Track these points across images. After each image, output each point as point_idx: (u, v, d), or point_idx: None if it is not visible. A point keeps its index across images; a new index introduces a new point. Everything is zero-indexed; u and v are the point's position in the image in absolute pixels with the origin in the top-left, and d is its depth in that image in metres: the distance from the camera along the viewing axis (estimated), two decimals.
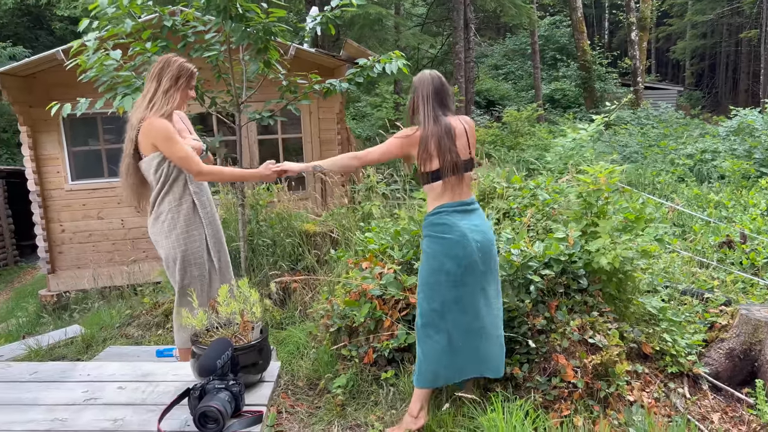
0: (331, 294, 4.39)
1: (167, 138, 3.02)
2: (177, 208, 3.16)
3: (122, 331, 4.98)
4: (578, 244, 3.65)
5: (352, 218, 5.37)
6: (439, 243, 2.95)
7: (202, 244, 3.22)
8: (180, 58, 3.17)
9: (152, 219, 3.23)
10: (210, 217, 3.27)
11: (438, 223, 2.96)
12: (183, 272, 3.20)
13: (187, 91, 3.18)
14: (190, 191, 3.18)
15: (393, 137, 2.99)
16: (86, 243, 8.01)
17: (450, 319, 2.98)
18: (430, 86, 2.91)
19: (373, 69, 5.33)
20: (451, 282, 2.95)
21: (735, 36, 35.51)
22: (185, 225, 3.16)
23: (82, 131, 7.93)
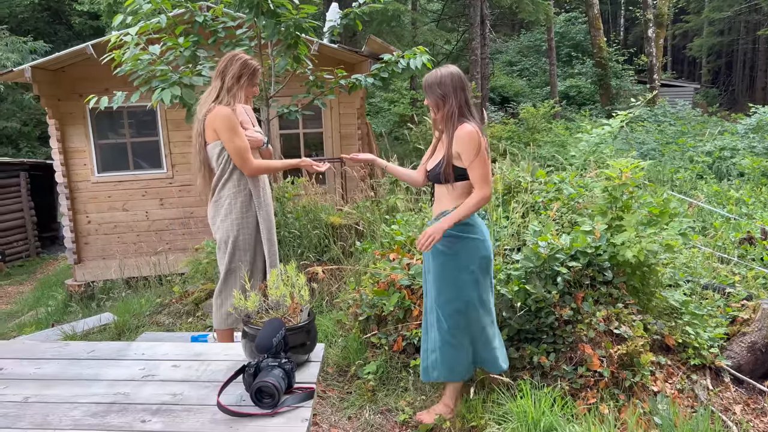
0: (359, 284, 4.50)
1: (229, 128, 3.16)
2: (236, 195, 3.30)
3: (153, 319, 5.12)
4: (604, 237, 3.73)
5: (377, 211, 5.47)
6: (464, 243, 2.93)
7: (253, 231, 3.35)
8: (243, 55, 3.30)
9: (212, 202, 3.37)
10: (265, 207, 3.39)
11: (465, 222, 2.90)
12: (232, 255, 3.34)
13: (250, 89, 3.31)
14: (248, 180, 3.32)
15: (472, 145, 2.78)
16: (111, 234, 8.18)
17: (474, 318, 3.03)
18: (462, 81, 2.91)
19: (398, 64, 5.42)
20: (474, 281, 2.98)
21: (752, 33, 35.18)
22: (241, 211, 3.30)
23: (107, 125, 8.09)
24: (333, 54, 7.52)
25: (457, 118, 2.85)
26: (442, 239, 2.90)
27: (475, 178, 2.83)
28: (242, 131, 3.24)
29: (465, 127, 2.82)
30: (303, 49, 4.98)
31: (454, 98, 2.85)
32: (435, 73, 2.90)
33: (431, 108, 2.96)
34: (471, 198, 2.84)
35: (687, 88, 26.65)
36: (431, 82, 2.89)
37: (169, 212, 8.26)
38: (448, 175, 2.87)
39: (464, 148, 2.81)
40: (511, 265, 3.82)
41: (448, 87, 2.85)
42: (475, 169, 2.81)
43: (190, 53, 4.80)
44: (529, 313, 3.55)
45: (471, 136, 2.79)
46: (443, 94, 2.86)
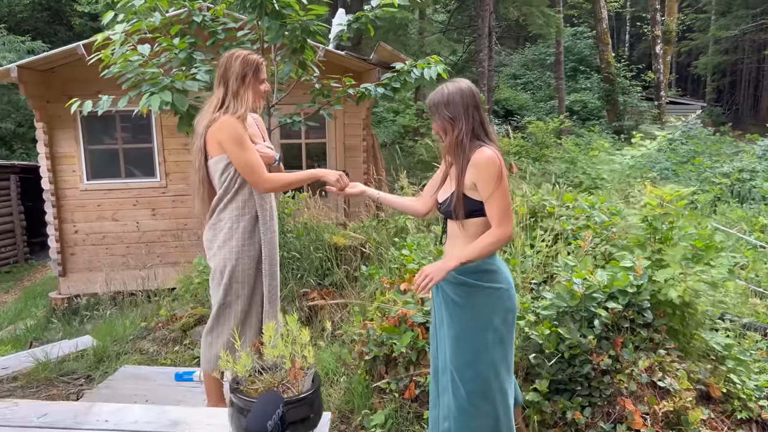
0: (365, 316, 4.05)
1: (236, 140, 2.73)
2: (238, 218, 2.86)
3: (136, 345, 4.66)
4: (646, 275, 3.29)
5: (385, 232, 5.03)
6: (486, 294, 2.43)
7: (254, 261, 2.92)
8: (242, 52, 2.87)
9: (210, 225, 2.93)
10: (270, 234, 2.95)
11: (487, 269, 2.42)
12: (228, 288, 2.89)
13: (258, 87, 2.87)
14: (254, 202, 2.89)
15: (492, 173, 2.30)
16: (99, 245, 7.72)
17: (497, 384, 2.49)
18: (475, 99, 2.41)
19: (410, 74, 5.02)
20: (498, 341, 2.46)
21: (758, 53, 34.98)
22: (242, 237, 2.87)
23: (99, 129, 7.65)
24: (339, 61, 7.10)
25: (471, 141, 2.36)
26: (458, 289, 2.44)
27: (493, 213, 2.33)
28: (251, 144, 2.81)
29: (483, 151, 2.32)
30: (309, 55, 4.56)
31: (465, 120, 2.36)
32: (441, 91, 2.40)
33: (438, 133, 2.46)
34: (486, 237, 2.34)
35: (693, 106, 26.31)
36: (437, 102, 2.39)
37: (162, 223, 7.81)
38: (458, 210, 2.38)
39: (482, 177, 2.31)
40: (539, 302, 3.38)
41: (458, 107, 2.36)
42: (494, 202, 2.31)
43: (186, 55, 4.38)
44: (562, 360, 3.11)
45: (490, 161, 2.30)
46: (452, 116, 2.36)
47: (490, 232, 2.35)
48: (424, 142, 11.99)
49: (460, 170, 2.37)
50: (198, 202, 2.92)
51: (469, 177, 2.35)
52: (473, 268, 2.43)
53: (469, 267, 2.42)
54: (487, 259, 2.45)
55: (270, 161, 2.95)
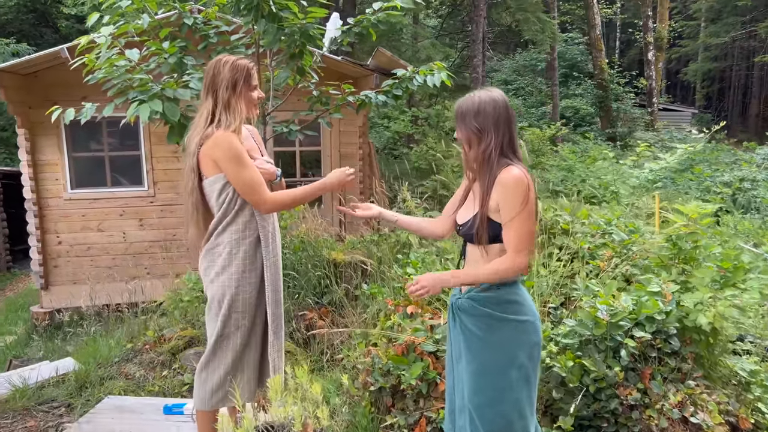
0: (367, 341, 3.79)
1: (233, 157, 2.47)
2: (238, 242, 2.59)
3: (122, 369, 4.36)
4: (674, 300, 3.06)
5: (386, 246, 4.78)
6: (510, 327, 2.18)
7: (256, 289, 2.64)
8: (230, 57, 2.59)
9: (206, 250, 2.65)
10: (273, 258, 2.68)
11: (511, 300, 2.19)
12: (226, 319, 2.62)
13: (250, 95, 2.59)
14: (256, 223, 2.62)
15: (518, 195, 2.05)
16: (84, 257, 7.40)
17: (521, 425, 2.23)
18: (507, 112, 2.15)
19: (413, 81, 4.78)
20: (524, 379, 2.20)
21: (747, 60, 35.16)
22: (243, 263, 2.59)
23: (84, 136, 7.34)
24: (336, 67, 6.85)
25: (498, 158, 2.12)
26: (479, 321, 2.19)
27: (511, 239, 2.08)
28: (250, 160, 2.55)
29: (511, 170, 2.08)
30: (308, 60, 4.30)
31: (494, 134, 2.11)
32: (471, 99, 2.16)
33: (462, 143, 2.21)
34: (500, 262, 2.11)
35: (685, 113, 26.36)
36: (466, 110, 2.15)
37: (149, 234, 7.51)
38: (481, 234, 2.14)
39: (507, 198, 2.07)
40: (559, 329, 3.14)
41: (488, 119, 2.11)
42: (513, 226, 2.07)
43: (176, 60, 4.10)
44: (587, 394, 2.86)
45: (518, 182, 2.05)
46: (481, 128, 2.12)
47: (505, 259, 2.11)
48: (420, 149, 11.73)
49: (485, 190, 2.12)
50: (193, 229, 2.65)
51: (494, 197, 2.11)
52: (496, 298, 2.19)
53: (492, 297, 2.18)
54: (511, 288, 2.21)
55: (271, 177, 2.68)
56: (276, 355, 2.71)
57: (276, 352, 2.71)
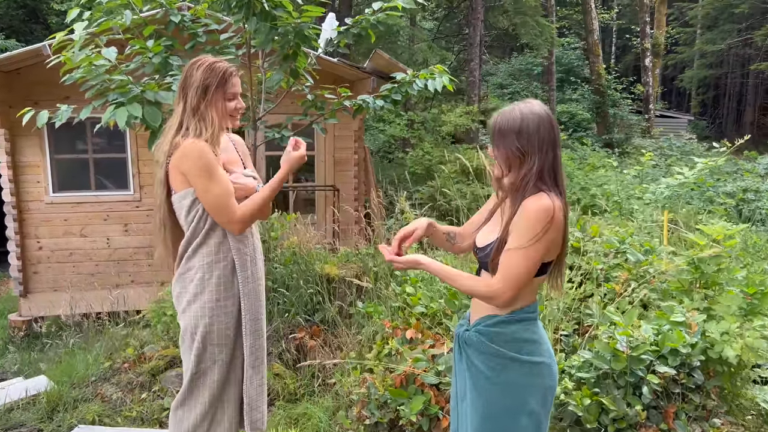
0: (362, 365, 3.52)
1: (203, 170, 2.19)
2: (210, 267, 2.30)
3: (98, 390, 4.07)
4: (700, 330, 2.81)
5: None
6: (525, 370, 1.91)
7: (234, 319, 2.36)
8: (209, 59, 2.31)
9: (177, 275, 2.37)
10: (252, 284, 2.40)
11: (526, 338, 1.92)
12: (201, 353, 2.33)
13: (224, 104, 2.29)
14: (230, 245, 2.33)
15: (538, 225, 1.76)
16: (66, 263, 7.08)
17: None
18: (554, 132, 1.86)
19: (413, 85, 4.51)
20: (534, 425, 1.95)
21: (742, 68, 35.15)
22: (217, 291, 2.31)
23: (67, 137, 7.02)
24: (332, 69, 6.57)
25: (534, 183, 1.82)
26: (490, 360, 1.92)
27: (505, 269, 1.80)
28: (224, 174, 2.26)
29: (540, 198, 1.78)
30: (302, 62, 4.03)
31: (538, 158, 1.82)
32: (512, 115, 1.84)
33: (498, 162, 1.91)
34: (483, 285, 1.85)
35: (681, 120, 26.21)
36: (507, 129, 1.84)
37: (135, 240, 7.20)
38: (497, 263, 1.86)
39: (520, 225, 1.79)
40: (573, 359, 2.87)
41: (532, 140, 1.81)
42: (513, 257, 1.79)
43: (161, 60, 3.82)
44: None
45: (541, 213, 1.76)
46: (523, 150, 1.82)
47: (489, 282, 1.84)
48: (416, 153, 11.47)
49: (510, 216, 1.85)
50: (160, 247, 2.37)
51: (514, 221, 1.84)
52: (509, 335, 1.91)
53: (504, 333, 1.91)
54: (527, 325, 1.94)
55: (250, 192, 2.37)
56: (254, 392, 2.42)
57: (255, 389, 2.42)
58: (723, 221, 7.82)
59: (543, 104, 1.92)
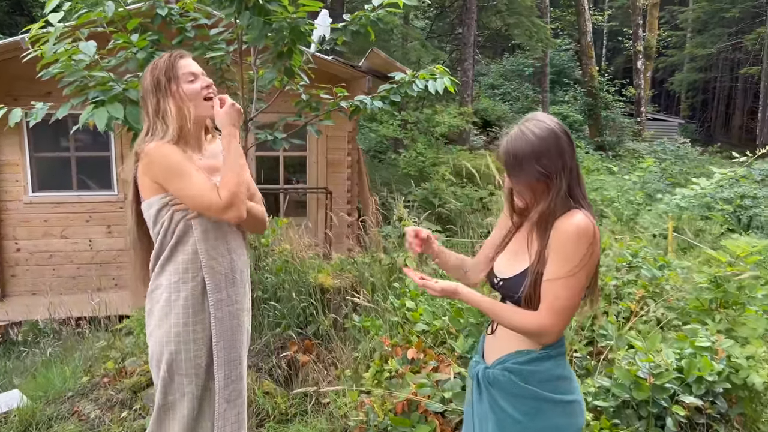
0: (359, 384, 3.29)
1: (170, 168, 1.96)
2: (178, 286, 2.05)
3: (75, 407, 3.81)
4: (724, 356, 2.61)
5: (378, 268, 4.28)
6: (561, 410, 1.71)
7: (205, 347, 2.10)
8: (156, 60, 2.10)
9: (148, 291, 2.13)
10: (228, 308, 2.14)
11: (560, 375, 1.72)
12: (167, 383, 2.09)
13: (187, 87, 2.03)
14: (201, 262, 2.06)
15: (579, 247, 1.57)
16: (45, 266, 6.80)
17: None
18: (570, 143, 1.65)
19: (412, 86, 4.29)
20: None
21: (732, 72, 35.31)
22: (184, 314, 2.05)
23: (48, 134, 6.74)
24: (326, 67, 6.33)
25: (563, 202, 1.62)
26: (523, 403, 1.70)
27: (551, 300, 1.58)
28: (195, 169, 1.99)
29: (574, 215, 1.59)
30: (297, 60, 3.79)
31: (563, 176, 1.61)
32: (525, 137, 1.61)
33: (519, 191, 1.69)
34: (528, 320, 1.62)
35: (672, 123, 26.23)
36: (525, 155, 1.59)
37: (118, 242, 6.93)
38: (531, 297, 1.63)
39: (561, 249, 1.58)
40: (587, 383, 2.67)
41: (553, 159, 1.60)
42: (559, 286, 1.57)
43: (146, 56, 3.56)
44: None
45: (582, 232, 1.57)
46: (548, 172, 1.60)
47: (535, 317, 1.61)
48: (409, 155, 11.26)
49: (544, 241, 1.63)
50: (137, 265, 2.14)
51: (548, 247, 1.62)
52: (544, 373, 1.70)
53: (539, 372, 1.69)
54: (560, 361, 1.74)
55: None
56: (230, 430, 2.15)
57: (231, 426, 2.15)
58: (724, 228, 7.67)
59: (547, 114, 1.71)
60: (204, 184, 1.97)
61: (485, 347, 1.88)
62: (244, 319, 2.23)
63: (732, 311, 2.98)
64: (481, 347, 1.92)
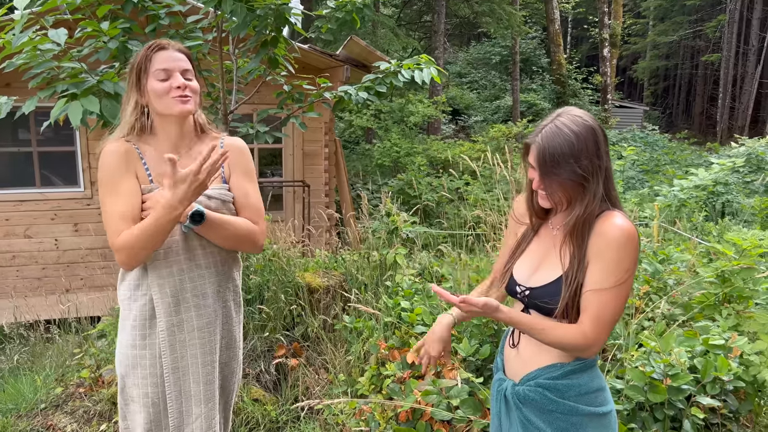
0: (354, 389, 3.15)
1: (101, 177, 1.79)
2: (129, 303, 1.87)
3: (48, 421, 3.58)
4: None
5: (368, 269, 4.13)
6: (596, 424, 1.59)
7: (151, 378, 1.86)
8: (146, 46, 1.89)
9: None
10: (181, 335, 1.87)
11: (597, 388, 1.61)
12: (124, 406, 1.93)
13: (146, 88, 1.82)
14: (148, 280, 1.83)
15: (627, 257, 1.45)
16: (9, 267, 6.45)
17: None
18: (605, 139, 1.53)
19: (398, 76, 4.15)
20: None
21: (694, 59, 35.98)
22: (131, 335, 1.85)
23: (7, 128, 6.38)
24: (303, 57, 6.11)
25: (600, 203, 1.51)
26: (558, 419, 1.58)
27: (598, 310, 1.45)
28: (127, 188, 1.77)
29: (614, 218, 1.48)
30: (281, 49, 3.60)
31: (599, 177, 1.49)
32: (562, 134, 1.47)
33: (550, 192, 1.53)
34: (572, 334, 1.48)
35: (637, 110, 26.56)
36: (563, 155, 1.46)
37: (86, 240, 6.62)
38: (570, 308, 1.50)
39: (607, 257, 1.45)
40: None
41: (591, 157, 1.48)
42: (607, 297, 1.45)
43: (119, 45, 3.33)
44: None
45: (628, 238, 1.45)
46: (585, 172, 1.47)
47: (579, 331, 1.48)
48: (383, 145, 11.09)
49: (582, 253, 1.50)
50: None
51: (591, 253, 1.49)
52: (583, 387, 1.58)
53: (576, 386, 1.58)
54: (595, 371, 1.64)
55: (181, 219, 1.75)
56: None
57: None
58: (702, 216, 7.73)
59: (579, 108, 1.57)
60: (117, 212, 1.73)
61: (506, 363, 1.76)
62: (212, 350, 1.94)
63: (737, 305, 2.92)
64: (500, 363, 1.79)
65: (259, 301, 3.94)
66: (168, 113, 1.83)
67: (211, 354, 1.93)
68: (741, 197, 9.25)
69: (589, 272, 1.48)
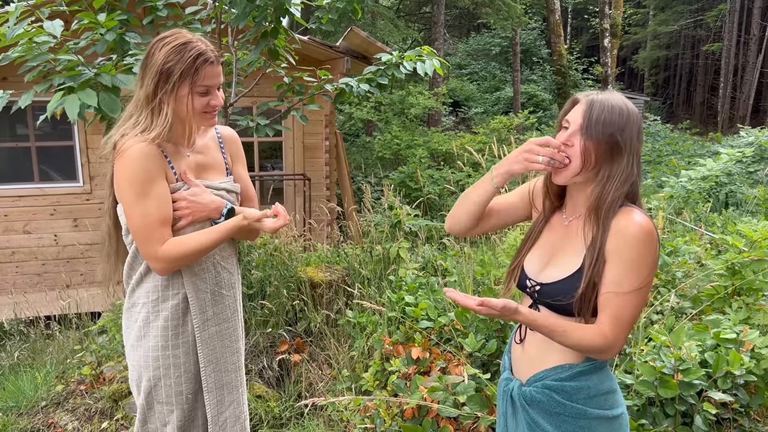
0: (358, 385, 3.12)
1: (133, 184, 1.69)
2: (157, 305, 1.81)
3: (49, 419, 3.54)
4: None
5: (371, 263, 4.08)
6: (606, 426, 1.53)
7: (188, 374, 1.86)
8: (181, 37, 1.73)
9: (125, 309, 1.89)
10: (215, 327, 1.89)
11: (608, 390, 1.55)
12: (145, 411, 1.87)
13: (193, 98, 1.73)
14: (182, 279, 1.82)
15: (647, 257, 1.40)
16: (8, 263, 6.41)
17: None
18: (642, 134, 1.50)
19: (400, 68, 4.09)
20: None
21: (693, 49, 35.82)
22: (163, 336, 1.81)
23: (6, 122, 6.33)
24: (303, 48, 6.04)
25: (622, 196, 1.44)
26: (566, 423, 1.53)
27: (617, 311, 1.40)
28: (160, 193, 1.72)
29: (632, 215, 1.42)
30: (281, 40, 3.54)
31: (633, 158, 1.46)
32: (618, 102, 1.43)
33: (585, 149, 1.43)
34: (590, 336, 1.41)
35: (638, 100, 26.40)
36: (612, 120, 1.41)
37: (85, 236, 6.57)
38: (586, 305, 1.45)
39: (627, 256, 1.40)
40: None
41: (633, 134, 1.45)
42: (627, 298, 1.40)
43: (116, 37, 3.26)
44: None
45: (649, 237, 1.40)
46: (623, 143, 1.42)
47: (599, 332, 1.41)
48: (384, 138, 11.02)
49: (600, 243, 1.44)
50: (104, 264, 1.88)
51: (609, 249, 1.43)
52: (592, 390, 1.53)
53: (585, 388, 1.52)
54: (606, 371, 1.57)
55: (213, 217, 1.83)
56: None
57: None
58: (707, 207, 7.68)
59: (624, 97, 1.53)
60: (157, 217, 1.70)
61: (513, 361, 1.71)
62: (236, 334, 2.00)
63: (746, 298, 2.87)
64: (507, 361, 1.74)
65: (261, 297, 3.89)
66: (197, 125, 1.84)
67: (237, 341, 2.00)
68: (745, 187, 9.21)
69: (607, 271, 1.42)
